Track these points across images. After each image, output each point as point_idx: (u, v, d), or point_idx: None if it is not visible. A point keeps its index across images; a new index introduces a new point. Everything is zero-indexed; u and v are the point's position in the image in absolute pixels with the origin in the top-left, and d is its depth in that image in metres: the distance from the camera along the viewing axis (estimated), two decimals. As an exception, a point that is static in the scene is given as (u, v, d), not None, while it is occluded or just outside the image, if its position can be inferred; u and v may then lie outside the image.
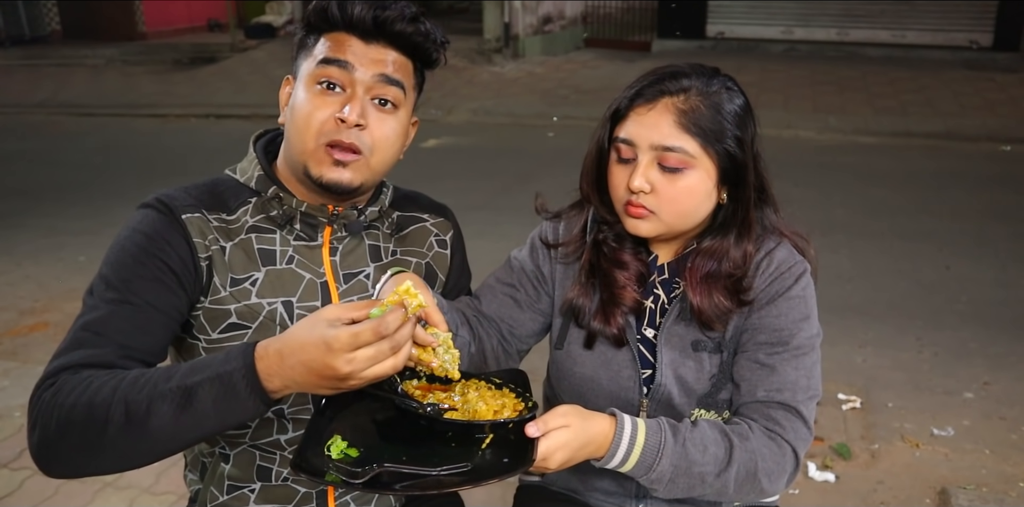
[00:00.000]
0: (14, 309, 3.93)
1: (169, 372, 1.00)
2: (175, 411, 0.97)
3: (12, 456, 2.72)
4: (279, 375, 0.95)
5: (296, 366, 0.94)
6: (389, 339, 0.92)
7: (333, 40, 1.19)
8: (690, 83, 1.20)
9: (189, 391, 0.97)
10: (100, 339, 1.08)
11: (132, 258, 1.14)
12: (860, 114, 7.73)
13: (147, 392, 0.98)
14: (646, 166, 1.20)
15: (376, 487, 1.04)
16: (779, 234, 1.29)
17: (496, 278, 1.41)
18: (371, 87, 1.18)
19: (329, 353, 0.91)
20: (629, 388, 1.30)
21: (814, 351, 1.26)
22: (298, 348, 0.93)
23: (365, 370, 0.93)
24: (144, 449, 1.00)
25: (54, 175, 6.28)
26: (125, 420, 0.97)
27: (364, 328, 0.91)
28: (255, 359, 0.96)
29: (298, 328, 0.95)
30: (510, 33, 10.53)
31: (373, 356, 0.92)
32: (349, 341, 0.91)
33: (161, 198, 1.20)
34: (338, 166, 1.18)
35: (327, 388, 0.96)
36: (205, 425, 0.98)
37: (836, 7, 10.78)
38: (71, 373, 1.04)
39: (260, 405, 0.97)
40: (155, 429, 0.97)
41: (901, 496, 2.51)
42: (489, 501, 2.20)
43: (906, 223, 5.01)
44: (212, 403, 0.96)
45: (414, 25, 1.19)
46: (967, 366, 3.31)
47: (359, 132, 1.18)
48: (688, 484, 1.15)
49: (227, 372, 0.96)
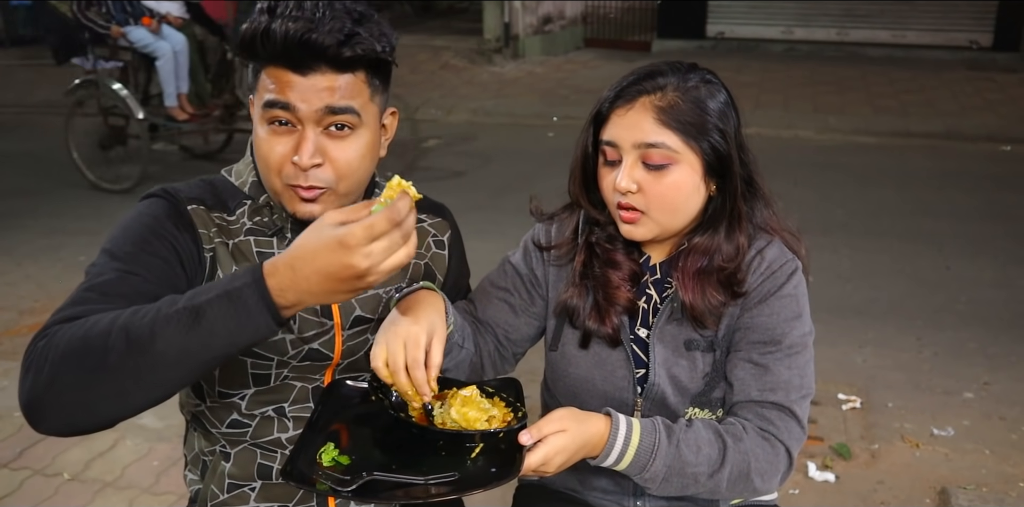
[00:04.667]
0: (14, 309, 3.94)
1: (173, 299, 0.95)
2: (182, 332, 0.92)
3: (12, 456, 2.72)
4: (293, 288, 0.91)
5: (311, 276, 0.90)
6: (399, 227, 0.89)
7: (272, 77, 1.12)
8: (666, 80, 1.20)
9: (196, 310, 0.92)
10: (104, 298, 1.05)
11: (138, 235, 1.14)
12: (860, 114, 7.72)
13: (151, 317, 0.93)
14: (631, 166, 1.21)
15: (365, 495, 1.05)
16: (770, 231, 1.30)
17: (490, 282, 1.41)
18: (320, 120, 1.13)
19: (346, 251, 0.88)
20: (623, 388, 1.30)
21: (807, 349, 1.26)
22: (310, 256, 0.89)
23: (383, 263, 0.89)
24: (148, 380, 0.94)
25: (54, 175, 6.28)
26: (127, 348, 0.92)
27: (377, 218, 0.87)
28: (265, 275, 0.92)
29: (304, 238, 0.91)
30: (510, 33, 10.52)
31: (388, 247, 0.89)
32: (365, 234, 0.87)
33: (166, 189, 1.21)
34: (306, 202, 1.17)
35: (345, 292, 0.92)
36: (214, 345, 0.93)
37: (836, 7, 10.77)
38: (69, 323, 0.99)
39: (271, 322, 0.92)
40: (160, 353, 0.92)
41: (901, 496, 2.51)
42: (489, 501, 2.20)
43: (906, 223, 5.01)
44: (221, 321, 0.92)
45: (350, 47, 1.09)
46: (967, 366, 3.31)
47: (317, 171, 1.15)
48: (681, 483, 1.17)
49: (235, 289, 0.92)
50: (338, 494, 1.03)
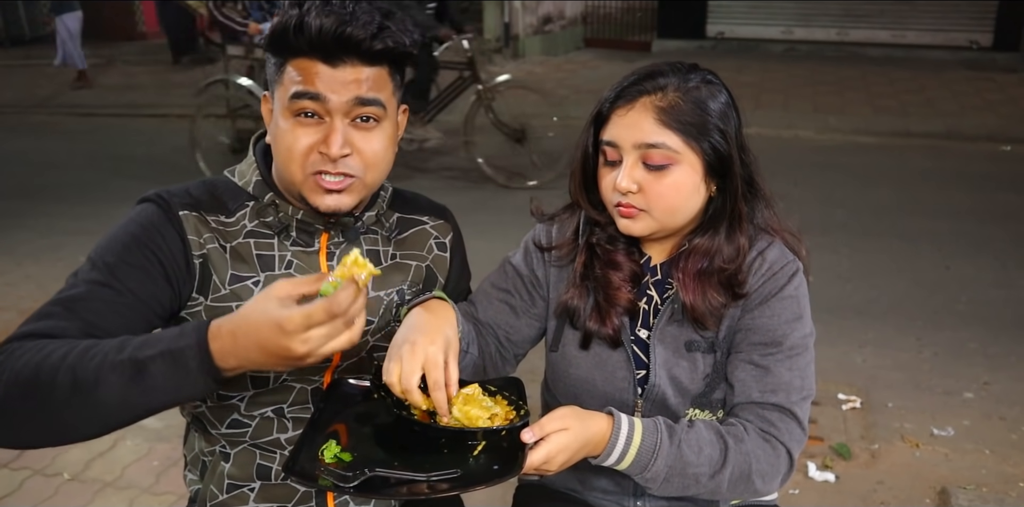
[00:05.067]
0: (14, 309, 3.93)
1: (122, 344, 0.99)
2: (124, 383, 0.96)
3: (12, 456, 2.72)
4: (234, 355, 0.94)
5: (250, 347, 0.93)
6: (342, 316, 0.91)
7: (300, 69, 1.14)
8: (667, 80, 1.20)
9: (140, 365, 0.96)
10: (69, 314, 1.07)
11: (122, 245, 1.15)
12: (860, 114, 7.72)
13: (97, 362, 0.97)
14: (631, 166, 1.21)
15: (367, 491, 1.05)
16: (771, 232, 1.30)
17: (491, 283, 1.41)
18: (349, 111, 1.15)
19: (283, 335, 0.91)
20: (624, 389, 1.30)
21: (807, 351, 1.26)
22: (251, 330, 0.92)
23: (321, 348, 0.92)
24: (90, 418, 0.98)
25: (54, 175, 6.28)
26: (72, 387, 0.96)
27: (316, 308, 0.90)
28: (208, 339, 0.95)
29: (249, 309, 0.94)
30: (510, 33, 10.52)
31: (328, 334, 0.92)
32: (302, 322, 0.90)
33: (160, 193, 1.21)
34: (332, 193, 1.18)
35: (283, 366, 0.96)
36: (155, 399, 0.97)
37: (836, 7, 10.77)
38: (30, 341, 1.03)
39: (211, 383, 0.96)
40: (103, 399, 0.96)
41: (901, 496, 2.51)
42: (489, 501, 2.20)
43: (906, 223, 5.01)
44: (163, 378, 0.95)
45: (382, 40, 1.12)
46: (967, 366, 3.31)
47: (346, 160, 1.16)
48: (682, 484, 1.17)
49: (179, 349, 0.95)
50: (340, 490, 1.03)
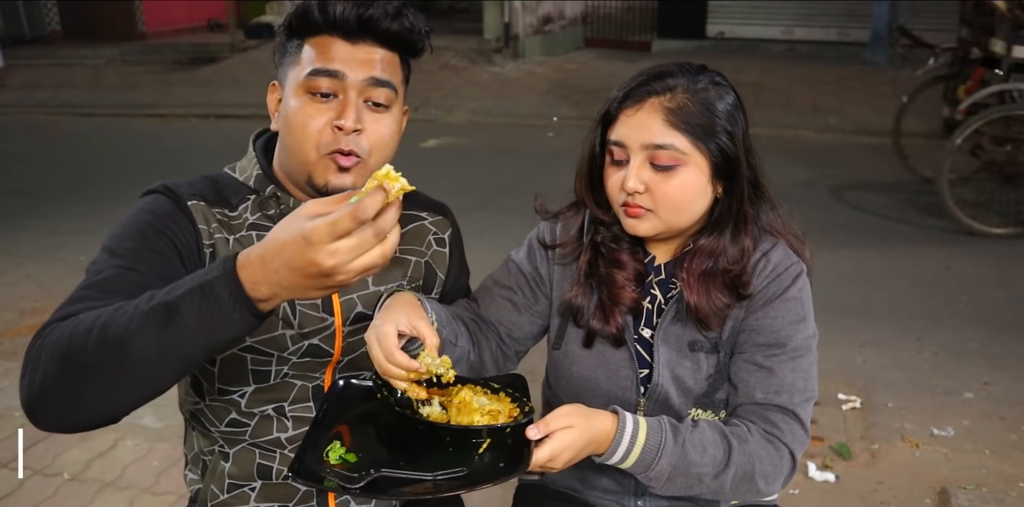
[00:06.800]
0: (14, 309, 3.93)
1: (152, 294, 0.92)
2: (157, 329, 0.89)
3: (12, 456, 2.72)
4: (265, 281, 0.87)
5: (280, 269, 0.86)
6: (371, 225, 0.84)
7: (318, 46, 1.18)
8: (676, 81, 1.21)
9: (171, 306, 0.89)
10: (103, 295, 1.04)
11: (139, 232, 1.14)
12: (860, 114, 7.72)
13: (128, 314, 0.91)
14: (638, 166, 1.21)
15: (373, 492, 1.05)
16: (776, 233, 1.30)
17: (494, 280, 1.41)
18: (362, 90, 1.18)
19: (309, 247, 0.83)
20: (626, 388, 1.30)
21: (811, 352, 1.26)
22: (278, 249, 0.85)
23: (351, 262, 0.84)
24: (130, 377, 0.92)
25: (54, 175, 6.28)
26: (105, 345, 0.91)
27: (341, 215, 0.82)
28: (237, 267, 0.88)
29: (277, 228, 0.87)
30: (510, 33, 10.52)
31: (357, 246, 0.84)
32: (328, 231, 0.82)
33: (167, 185, 1.22)
34: (342, 172, 1.19)
35: (316, 289, 0.87)
36: (192, 342, 0.90)
37: (836, 7, 10.77)
38: (64, 322, 0.98)
39: (248, 317, 0.89)
40: (138, 351, 0.90)
41: (901, 496, 2.51)
42: (489, 500, 2.20)
43: (906, 223, 5.01)
44: (195, 317, 0.88)
45: (399, 21, 1.18)
46: (967, 366, 3.31)
47: (356, 137, 1.18)
48: (686, 483, 1.17)
49: (208, 282, 0.88)
50: (347, 491, 1.03)
